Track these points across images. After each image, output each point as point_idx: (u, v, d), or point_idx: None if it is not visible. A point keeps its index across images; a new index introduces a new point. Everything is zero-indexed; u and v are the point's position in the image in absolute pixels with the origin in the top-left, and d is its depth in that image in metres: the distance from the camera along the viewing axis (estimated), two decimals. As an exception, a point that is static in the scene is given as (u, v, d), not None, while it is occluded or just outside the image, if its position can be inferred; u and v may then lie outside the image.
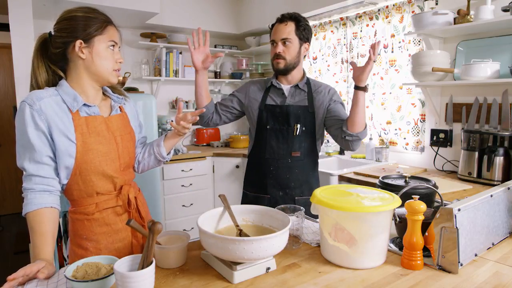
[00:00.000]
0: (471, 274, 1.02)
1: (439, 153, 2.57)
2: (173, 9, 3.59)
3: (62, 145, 1.13)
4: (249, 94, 1.80)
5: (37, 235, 1.06)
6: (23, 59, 2.48)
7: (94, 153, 1.17)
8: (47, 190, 1.11)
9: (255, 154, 1.81)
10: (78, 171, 1.16)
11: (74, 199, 1.21)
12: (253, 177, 1.82)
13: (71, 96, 1.16)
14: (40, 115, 1.10)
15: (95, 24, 1.16)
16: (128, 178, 1.31)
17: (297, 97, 1.75)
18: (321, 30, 3.46)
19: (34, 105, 1.10)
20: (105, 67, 1.19)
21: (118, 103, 1.32)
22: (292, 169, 1.74)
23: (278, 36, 1.68)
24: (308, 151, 1.76)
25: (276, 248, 0.99)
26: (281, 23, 1.68)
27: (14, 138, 1.89)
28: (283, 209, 1.23)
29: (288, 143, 1.72)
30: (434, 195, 1.40)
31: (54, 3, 2.78)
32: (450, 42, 2.47)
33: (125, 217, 1.28)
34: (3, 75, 4.76)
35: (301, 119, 1.71)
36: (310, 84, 1.79)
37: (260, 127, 1.76)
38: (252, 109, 1.78)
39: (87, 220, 1.22)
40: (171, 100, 3.97)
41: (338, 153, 3.28)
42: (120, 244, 1.27)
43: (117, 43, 1.21)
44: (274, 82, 1.77)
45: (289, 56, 1.69)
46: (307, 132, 1.73)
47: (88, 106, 1.19)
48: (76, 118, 1.15)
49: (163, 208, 3.37)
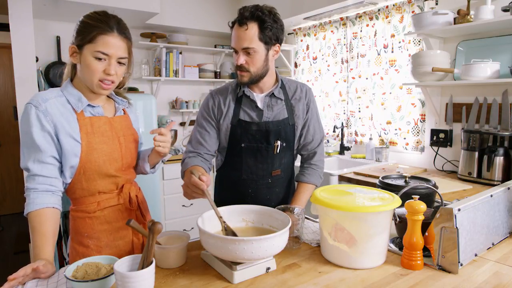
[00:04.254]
0: (471, 274, 1.02)
1: (439, 153, 2.57)
2: (173, 9, 3.59)
3: (68, 145, 1.14)
4: (216, 111, 1.50)
5: (38, 235, 1.06)
6: (23, 59, 2.48)
7: (98, 153, 1.19)
8: (49, 190, 1.12)
9: (228, 173, 1.57)
10: (82, 170, 1.17)
11: (76, 197, 1.23)
12: (227, 197, 1.52)
13: (75, 97, 1.18)
14: (46, 116, 1.12)
15: (87, 32, 1.13)
16: (129, 177, 1.32)
17: (274, 108, 1.49)
18: (321, 30, 3.46)
19: (40, 106, 1.11)
20: (89, 77, 1.15)
21: (122, 105, 1.33)
22: (273, 189, 1.56)
23: (239, 45, 1.37)
24: (287, 166, 1.58)
25: (276, 248, 0.99)
26: (241, 26, 1.35)
27: (14, 138, 1.88)
28: (283, 209, 1.22)
29: (268, 162, 1.50)
30: (434, 195, 1.40)
31: (54, 3, 2.78)
32: (450, 42, 2.47)
33: (126, 215, 1.29)
34: (3, 75, 4.76)
35: (282, 135, 1.48)
36: (285, 87, 1.54)
37: (232, 144, 1.50)
38: (222, 124, 1.49)
39: (89, 218, 1.23)
40: (171, 100, 3.97)
41: (338, 153, 3.28)
42: (121, 241, 1.28)
43: (108, 55, 1.13)
44: (247, 92, 1.47)
45: (253, 67, 1.39)
46: (288, 147, 1.52)
47: (92, 106, 1.21)
48: (81, 118, 1.17)
49: (163, 208, 3.37)
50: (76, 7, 2.89)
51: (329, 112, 3.48)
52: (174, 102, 3.94)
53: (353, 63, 3.19)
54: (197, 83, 4.11)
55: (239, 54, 1.39)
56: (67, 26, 3.33)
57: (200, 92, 4.17)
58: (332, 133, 3.37)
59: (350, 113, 3.27)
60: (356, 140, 3.24)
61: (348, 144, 3.27)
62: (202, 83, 4.13)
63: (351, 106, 3.25)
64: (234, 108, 1.49)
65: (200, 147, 1.50)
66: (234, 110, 1.48)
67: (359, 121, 3.19)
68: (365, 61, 3.07)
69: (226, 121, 1.49)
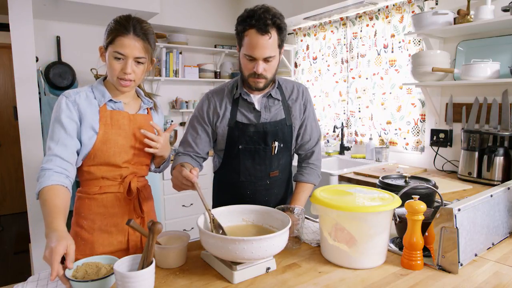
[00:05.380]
0: (471, 274, 1.02)
1: (439, 153, 2.57)
2: (173, 9, 3.60)
3: (86, 135, 1.24)
4: (211, 114, 1.49)
5: (51, 207, 1.04)
6: (23, 59, 2.48)
7: (112, 143, 1.26)
8: (64, 174, 1.17)
9: (226, 175, 1.56)
10: (93, 156, 1.25)
11: (82, 179, 1.31)
12: (226, 199, 1.49)
13: (100, 92, 1.30)
14: (74, 106, 1.24)
15: (109, 34, 1.24)
16: (137, 171, 1.36)
17: (272, 109, 1.48)
18: (321, 30, 3.46)
19: (70, 97, 1.25)
20: (110, 75, 1.27)
21: (147, 105, 1.41)
22: (271, 190, 1.55)
23: (261, 54, 1.31)
24: (284, 166, 1.58)
25: (276, 248, 0.99)
26: (263, 35, 1.29)
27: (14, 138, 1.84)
28: (283, 209, 1.22)
29: (266, 163, 1.50)
30: (434, 195, 1.40)
31: (54, 3, 2.78)
32: (450, 42, 2.47)
33: (123, 204, 1.33)
34: (3, 75, 4.76)
35: (279, 136, 1.48)
36: (282, 88, 1.53)
37: (230, 146, 1.49)
38: (219, 127, 1.48)
39: (88, 199, 1.30)
40: (171, 100, 3.97)
41: (338, 153, 3.28)
42: (113, 228, 1.31)
43: (125, 55, 1.22)
44: (244, 94, 1.46)
45: (270, 73, 1.38)
46: (285, 148, 1.52)
47: (114, 102, 1.31)
48: (103, 111, 1.28)
49: (163, 208, 3.37)
50: (76, 7, 2.89)
51: (329, 112, 3.47)
52: (174, 102, 3.94)
53: (353, 63, 3.19)
54: (197, 83, 4.11)
55: (258, 62, 1.33)
56: (67, 26, 3.33)
57: (200, 92, 4.17)
58: (332, 133, 3.37)
59: (350, 113, 3.27)
60: (356, 140, 3.24)
61: (348, 144, 3.27)
62: (202, 83, 4.13)
63: (351, 106, 3.25)
64: (231, 110, 1.47)
65: (191, 149, 1.51)
66: (231, 112, 1.47)
67: (359, 121, 3.19)
68: (365, 61, 3.07)
69: (223, 123, 1.47)
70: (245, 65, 1.38)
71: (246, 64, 1.37)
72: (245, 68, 1.38)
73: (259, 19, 1.29)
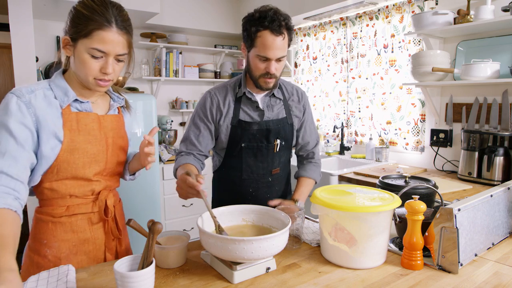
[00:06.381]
0: (471, 274, 1.02)
1: (439, 153, 2.57)
2: (173, 9, 3.59)
3: (48, 145, 1.02)
4: (214, 112, 1.48)
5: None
6: (23, 59, 2.48)
7: (80, 153, 1.06)
8: (12, 195, 0.93)
9: (227, 173, 1.56)
10: (56, 169, 1.04)
11: (43, 198, 1.09)
12: (227, 198, 1.51)
13: (62, 90, 1.06)
14: (29, 109, 0.99)
15: (83, 25, 0.98)
16: (110, 184, 1.18)
17: (274, 107, 1.51)
18: (321, 30, 3.46)
19: (23, 97, 0.99)
20: (83, 74, 1.03)
21: (118, 103, 1.20)
22: (272, 187, 1.58)
23: (275, 54, 1.33)
24: (285, 164, 1.62)
25: (276, 248, 0.99)
26: (278, 35, 1.31)
27: None
28: (283, 209, 1.22)
29: (268, 161, 1.52)
30: (434, 195, 1.40)
31: (54, 3, 2.78)
32: (450, 42, 2.47)
33: (97, 227, 1.14)
34: (3, 75, 4.76)
35: (281, 134, 1.51)
36: (282, 88, 1.57)
37: (232, 144, 1.49)
38: (222, 125, 1.48)
39: (52, 222, 1.09)
40: (171, 100, 3.97)
41: (338, 153, 3.28)
42: (84, 257, 1.12)
43: (106, 52, 1.00)
44: (248, 93, 1.47)
45: (279, 72, 1.41)
46: (286, 145, 1.56)
47: (80, 102, 1.09)
48: (66, 113, 1.05)
49: (163, 208, 3.37)
50: (76, 7, 2.89)
51: (329, 112, 3.47)
52: (174, 102, 3.94)
53: (353, 63, 3.19)
54: (197, 83, 4.11)
55: (271, 62, 1.35)
56: (67, 26, 3.33)
57: (200, 92, 4.17)
58: (332, 133, 3.37)
59: (350, 113, 3.27)
60: (356, 140, 3.24)
61: (348, 144, 3.27)
62: (202, 83, 4.13)
63: (351, 106, 3.25)
64: (234, 108, 1.48)
65: (194, 148, 1.48)
66: (234, 111, 1.47)
67: (359, 121, 3.19)
68: (365, 61, 3.07)
69: (226, 121, 1.48)
70: (256, 66, 1.38)
71: (257, 64, 1.37)
72: (256, 69, 1.38)
73: (272, 20, 1.30)
